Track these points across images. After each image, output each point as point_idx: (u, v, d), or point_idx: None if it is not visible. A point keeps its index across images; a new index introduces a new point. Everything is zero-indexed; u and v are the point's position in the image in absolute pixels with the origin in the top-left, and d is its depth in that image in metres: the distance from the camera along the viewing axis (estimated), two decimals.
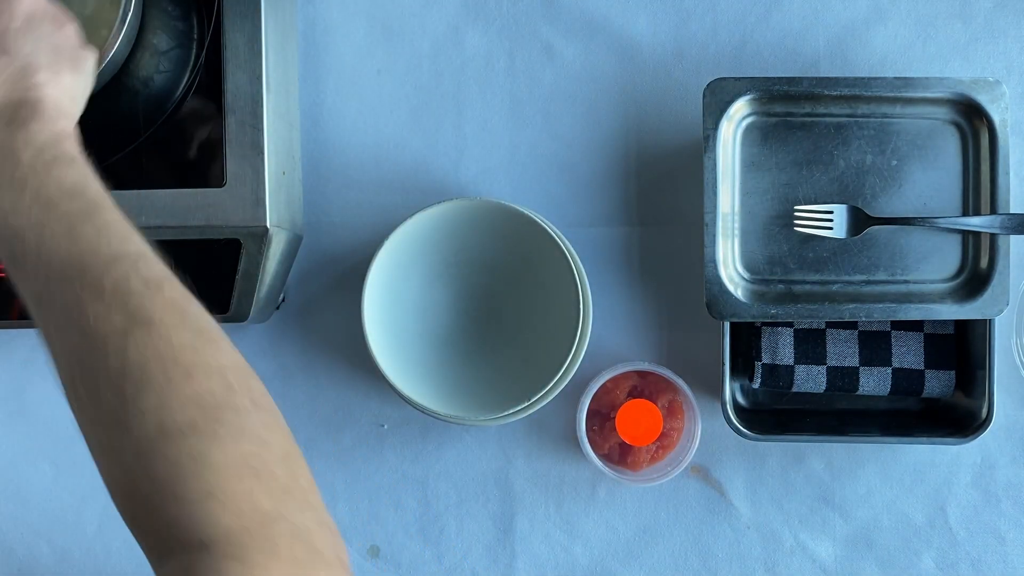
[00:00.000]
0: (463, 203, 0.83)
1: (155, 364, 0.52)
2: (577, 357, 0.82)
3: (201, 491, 0.49)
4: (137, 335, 0.52)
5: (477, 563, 0.90)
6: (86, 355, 0.53)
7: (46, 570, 0.91)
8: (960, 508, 0.88)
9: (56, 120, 0.60)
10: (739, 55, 0.89)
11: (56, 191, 0.56)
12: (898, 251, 0.81)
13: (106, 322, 0.52)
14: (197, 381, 0.52)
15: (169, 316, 0.53)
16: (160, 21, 0.80)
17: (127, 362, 0.51)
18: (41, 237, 0.55)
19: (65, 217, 0.55)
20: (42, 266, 0.55)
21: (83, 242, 0.55)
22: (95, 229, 0.56)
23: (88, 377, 0.52)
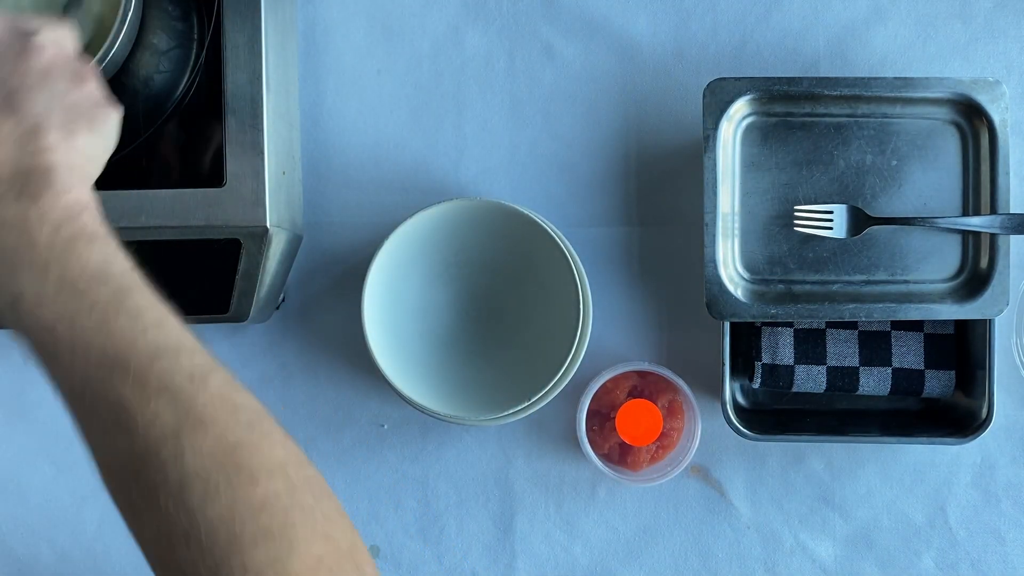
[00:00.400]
0: (463, 203, 0.83)
1: (216, 471, 0.50)
2: (577, 357, 0.82)
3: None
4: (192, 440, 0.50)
5: (477, 563, 0.90)
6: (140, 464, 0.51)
7: (46, 570, 0.91)
8: (960, 508, 0.88)
9: (69, 191, 0.55)
10: (739, 55, 0.89)
11: (80, 276, 0.53)
12: (898, 251, 0.81)
13: (156, 428, 0.50)
14: (262, 485, 0.50)
15: (220, 413, 0.52)
16: (160, 21, 0.80)
17: (185, 471, 0.50)
18: (73, 331, 0.52)
19: (95, 307, 0.53)
20: (78, 363, 0.52)
21: (118, 335, 0.52)
22: (129, 319, 0.53)
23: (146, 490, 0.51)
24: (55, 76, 0.59)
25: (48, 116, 0.57)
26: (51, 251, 0.53)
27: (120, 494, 0.52)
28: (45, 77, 0.58)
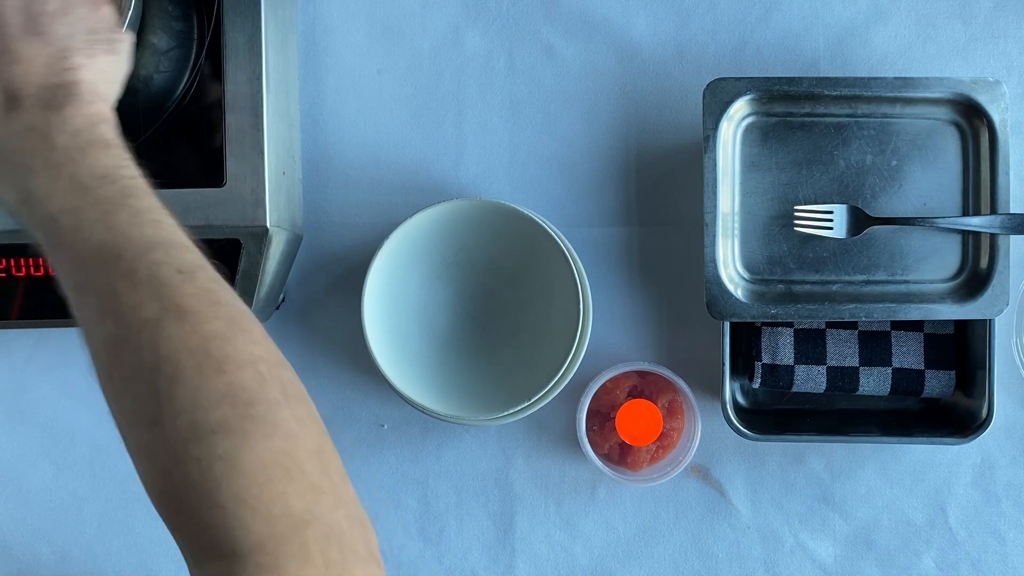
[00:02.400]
0: (463, 203, 0.83)
1: (186, 357, 0.51)
2: (577, 357, 0.82)
3: (232, 496, 0.49)
4: (169, 326, 0.52)
5: (477, 563, 0.90)
6: (120, 346, 0.52)
7: (46, 570, 0.91)
8: (960, 508, 0.88)
9: (92, 103, 0.60)
10: (739, 55, 0.89)
11: (90, 176, 0.56)
12: (898, 251, 0.81)
13: (140, 312, 0.52)
14: (229, 374, 0.51)
15: (202, 305, 0.53)
16: (160, 21, 0.80)
17: (159, 355, 0.51)
18: (76, 223, 0.55)
19: (99, 203, 0.55)
20: (77, 253, 0.55)
21: (117, 229, 0.55)
22: (129, 215, 0.55)
23: (123, 369, 0.52)
24: (74, 2, 0.63)
25: (72, 39, 0.62)
26: (67, 153, 0.57)
27: (103, 377, 0.54)
28: (65, 3, 0.63)
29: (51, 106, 0.58)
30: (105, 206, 0.55)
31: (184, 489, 0.49)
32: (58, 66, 0.60)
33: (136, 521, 0.90)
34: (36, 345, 0.91)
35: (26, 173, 0.57)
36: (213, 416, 0.50)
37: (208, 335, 0.52)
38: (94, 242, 0.54)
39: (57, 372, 0.91)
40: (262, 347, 0.54)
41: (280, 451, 0.50)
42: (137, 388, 0.51)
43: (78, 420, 0.91)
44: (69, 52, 0.61)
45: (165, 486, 0.51)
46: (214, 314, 0.53)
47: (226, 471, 0.49)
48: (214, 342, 0.52)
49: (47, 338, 0.90)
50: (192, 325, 0.52)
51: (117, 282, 0.53)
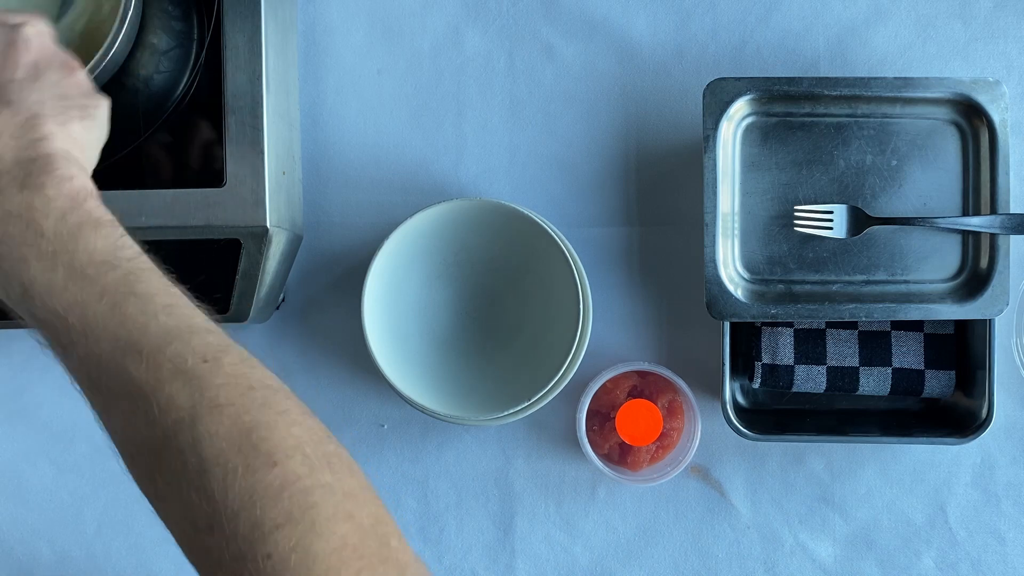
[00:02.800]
0: (463, 203, 0.83)
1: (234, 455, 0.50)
2: (577, 357, 0.82)
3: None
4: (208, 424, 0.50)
5: (477, 563, 0.90)
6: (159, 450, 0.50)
7: (46, 570, 0.91)
8: (960, 508, 0.88)
9: (72, 178, 0.56)
10: (739, 55, 0.89)
11: (89, 263, 0.53)
12: (898, 251, 0.81)
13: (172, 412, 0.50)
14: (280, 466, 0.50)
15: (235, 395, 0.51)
16: (160, 21, 0.80)
17: (204, 458, 0.50)
18: (85, 320, 0.53)
19: (105, 294, 0.53)
20: (91, 350, 0.52)
21: (130, 321, 0.52)
22: (139, 305, 0.53)
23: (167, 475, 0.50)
24: (45, 68, 0.60)
25: (42, 106, 0.57)
26: (58, 240, 0.54)
27: (145, 481, 0.52)
28: (36, 69, 0.59)
29: (28, 185, 0.55)
30: (112, 298, 0.53)
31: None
32: (29, 136, 0.56)
33: (136, 521, 0.90)
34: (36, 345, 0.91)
35: (18, 264, 0.54)
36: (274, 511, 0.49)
37: (249, 427, 0.51)
38: (108, 339, 0.52)
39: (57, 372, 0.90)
40: (302, 427, 0.53)
41: (346, 533, 0.50)
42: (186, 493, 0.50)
43: (78, 420, 0.91)
44: (39, 120, 0.57)
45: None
46: (250, 402, 0.52)
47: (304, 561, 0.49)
48: (257, 433, 0.51)
49: None
50: (231, 419, 0.51)
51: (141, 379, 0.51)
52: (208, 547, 0.50)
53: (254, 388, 0.53)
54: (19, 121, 0.57)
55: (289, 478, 0.50)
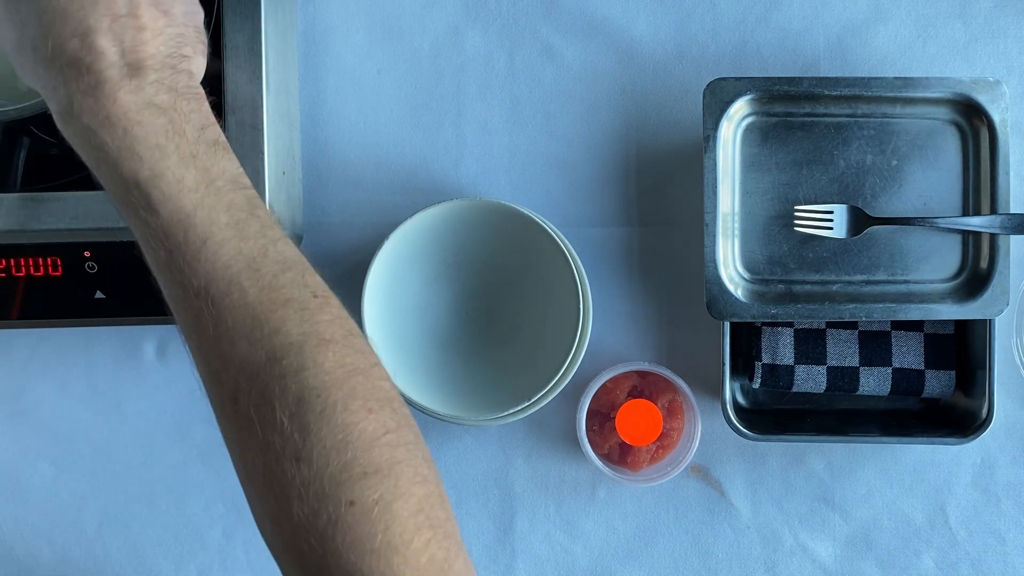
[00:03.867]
0: (463, 203, 0.83)
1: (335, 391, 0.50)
2: (577, 357, 0.82)
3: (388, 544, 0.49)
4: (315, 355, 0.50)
5: (477, 563, 0.89)
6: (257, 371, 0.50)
7: (46, 570, 0.91)
8: (960, 508, 0.88)
9: (204, 99, 0.58)
10: (739, 55, 0.89)
11: (220, 176, 0.54)
12: (898, 251, 0.81)
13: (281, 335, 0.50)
14: (375, 414, 0.50)
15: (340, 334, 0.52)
16: None
17: (305, 386, 0.50)
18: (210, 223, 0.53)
19: (231, 208, 0.53)
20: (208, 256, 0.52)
21: (251, 239, 0.53)
22: (260, 228, 0.54)
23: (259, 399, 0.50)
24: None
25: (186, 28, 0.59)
26: (197, 145, 0.55)
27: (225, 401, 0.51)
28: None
29: (176, 90, 0.56)
30: (237, 213, 0.53)
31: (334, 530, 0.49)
32: (179, 50, 0.58)
33: (136, 521, 0.90)
34: (36, 345, 0.91)
35: (155, 151, 0.54)
36: (366, 458, 0.49)
37: (351, 369, 0.51)
38: (228, 250, 0.52)
39: (57, 372, 0.91)
40: (390, 383, 0.53)
41: (422, 497, 0.50)
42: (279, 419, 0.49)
43: (78, 420, 0.91)
44: (184, 40, 0.58)
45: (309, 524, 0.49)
46: (351, 345, 0.52)
47: (383, 516, 0.49)
48: (357, 377, 0.51)
49: (47, 338, 0.90)
50: (336, 356, 0.51)
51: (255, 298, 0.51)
52: (290, 478, 0.49)
53: (354, 335, 0.53)
54: (172, 32, 0.58)
55: (380, 429, 0.50)
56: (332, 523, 0.48)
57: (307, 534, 0.49)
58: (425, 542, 0.49)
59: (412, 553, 0.49)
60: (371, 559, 0.48)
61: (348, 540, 0.48)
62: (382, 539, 0.48)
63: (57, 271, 0.80)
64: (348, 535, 0.48)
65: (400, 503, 0.49)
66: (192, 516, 0.90)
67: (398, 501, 0.49)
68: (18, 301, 0.81)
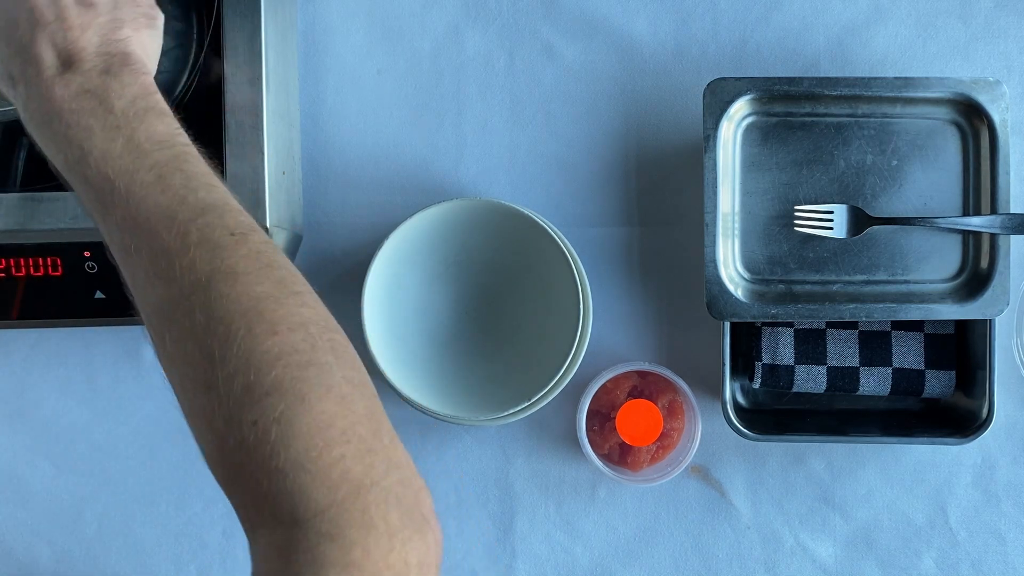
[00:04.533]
0: (463, 203, 0.83)
1: (239, 318, 0.51)
2: (577, 357, 0.82)
3: (292, 462, 0.48)
4: (221, 287, 0.52)
5: (477, 563, 0.89)
6: (173, 309, 0.53)
7: (46, 570, 0.91)
8: (960, 508, 0.88)
9: (145, 72, 0.62)
10: (739, 55, 0.89)
11: (146, 140, 0.58)
12: (898, 251, 0.81)
13: (191, 273, 0.53)
14: (281, 336, 0.51)
15: (253, 267, 0.53)
16: None
17: (211, 316, 0.52)
18: (131, 184, 0.56)
19: (155, 166, 0.56)
20: (130, 214, 0.55)
21: (171, 192, 0.56)
22: (183, 179, 0.56)
23: (175, 332, 0.53)
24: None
25: (119, 11, 0.64)
26: (124, 117, 0.58)
27: (157, 342, 0.54)
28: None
29: (108, 72, 0.60)
30: (160, 169, 0.56)
31: (241, 454, 0.49)
32: (111, 36, 0.62)
33: (136, 521, 0.90)
34: (36, 345, 0.91)
35: (83, 133, 0.58)
36: (267, 378, 0.50)
37: (260, 296, 0.52)
38: (148, 204, 0.55)
39: (57, 372, 0.91)
40: (312, 310, 0.54)
41: (335, 414, 0.50)
42: (190, 351, 0.52)
43: (78, 420, 0.91)
44: (119, 23, 0.63)
45: (222, 452, 0.50)
46: (265, 276, 0.53)
47: (283, 435, 0.49)
48: (265, 303, 0.52)
49: (47, 338, 0.90)
50: (244, 286, 0.52)
51: (170, 244, 0.54)
52: (203, 407, 0.51)
53: (273, 266, 0.54)
54: (102, 21, 0.63)
55: (287, 349, 0.51)
56: (239, 446, 0.49)
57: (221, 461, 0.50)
58: (338, 457, 0.49)
59: (321, 469, 0.48)
60: (278, 479, 0.48)
61: (255, 461, 0.49)
62: (285, 457, 0.48)
63: (57, 271, 0.80)
64: (254, 456, 0.49)
65: (305, 419, 0.49)
66: (192, 516, 0.90)
67: (302, 417, 0.49)
68: (18, 301, 0.81)
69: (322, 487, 0.48)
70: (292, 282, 0.55)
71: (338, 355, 0.53)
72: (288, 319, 0.52)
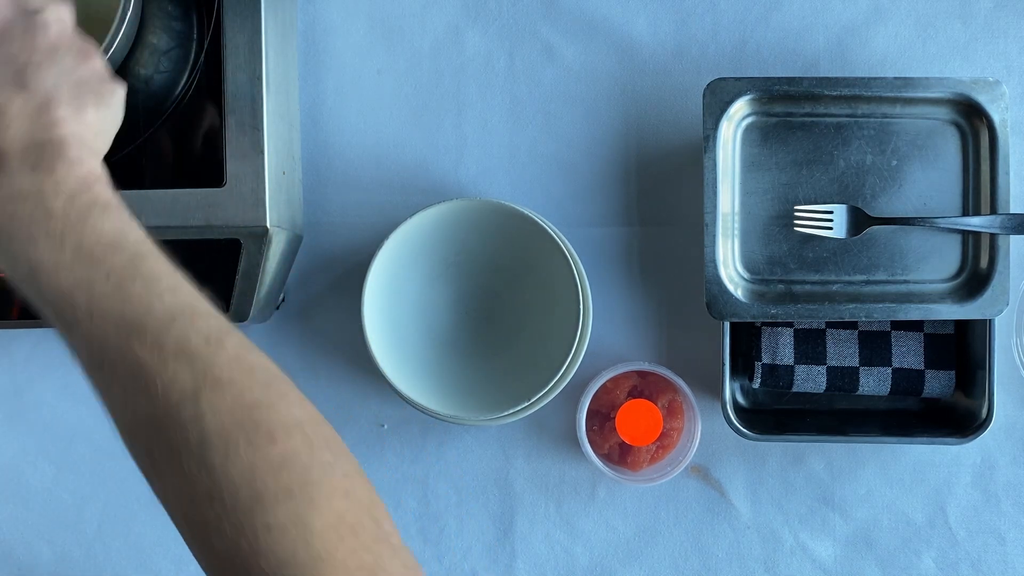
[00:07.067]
0: (463, 203, 0.83)
1: (236, 430, 0.51)
2: (577, 357, 0.82)
3: (312, 556, 0.50)
4: (211, 399, 0.52)
5: (477, 563, 0.90)
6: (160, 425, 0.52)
7: (46, 570, 0.91)
8: (960, 508, 0.88)
9: (83, 161, 0.57)
10: (739, 55, 0.89)
11: (96, 244, 0.54)
12: (898, 251, 0.81)
13: (175, 387, 0.52)
14: (281, 443, 0.52)
15: (237, 374, 0.53)
16: (160, 21, 0.80)
17: (205, 431, 0.51)
18: (91, 297, 0.53)
19: (112, 274, 0.54)
20: (96, 328, 0.53)
21: (135, 300, 0.53)
22: (145, 284, 0.54)
23: (167, 451, 0.52)
24: (62, 52, 0.60)
25: (58, 91, 0.58)
26: (67, 220, 0.54)
27: (142, 456, 0.53)
28: (52, 54, 0.59)
29: (40, 167, 0.55)
30: (118, 277, 0.54)
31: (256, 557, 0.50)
32: (43, 120, 0.57)
33: (136, 521, 0.90)
34: (36, 345, 0.91)
35: (26, 244, 0.54)
36: (275, 485, 0.51)
37: (251, 405, 0.52)
38: (113, 316, 0.53)
39: (57, 372, 0.91)
40: (301, 409, 0.55)
41: (343, 510, 0.52)
42: (186, 466, 0.51)
43: (78, 420, 0.91)
44: (54, 104, 0.57)
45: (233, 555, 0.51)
46: (251, 382, 0.53)
47: (301, 534, 0.50)
48: (258, 412, 0.52)
49: (47, 338, 0.90)
50: (233, 396, 0.52)
51: (145, 357, 0.52)
52: (207, 518, 0.51)
53: (255, 370, 0.54)
54: (34, 105, 0.57)
55: (289, 454, 0.52)
56: (253, 551, 0.50)
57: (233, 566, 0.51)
58: (350, 550, 0.51)
59: (339, 560, 0.50)
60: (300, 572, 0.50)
61: (272, 562, 0.50)
62: (304, 553, 0.50)
63: None
64: (271, 557, 0.50)
65: (317, 518, 0.51)
66: None
67: (314, 516, 0.51)
68: (18, 301, 0.81)
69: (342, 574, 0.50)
70: (277, 383, 0.55)
71: (334, 451, 0.54)
72: (284, 424, 0.53)
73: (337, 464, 0.53)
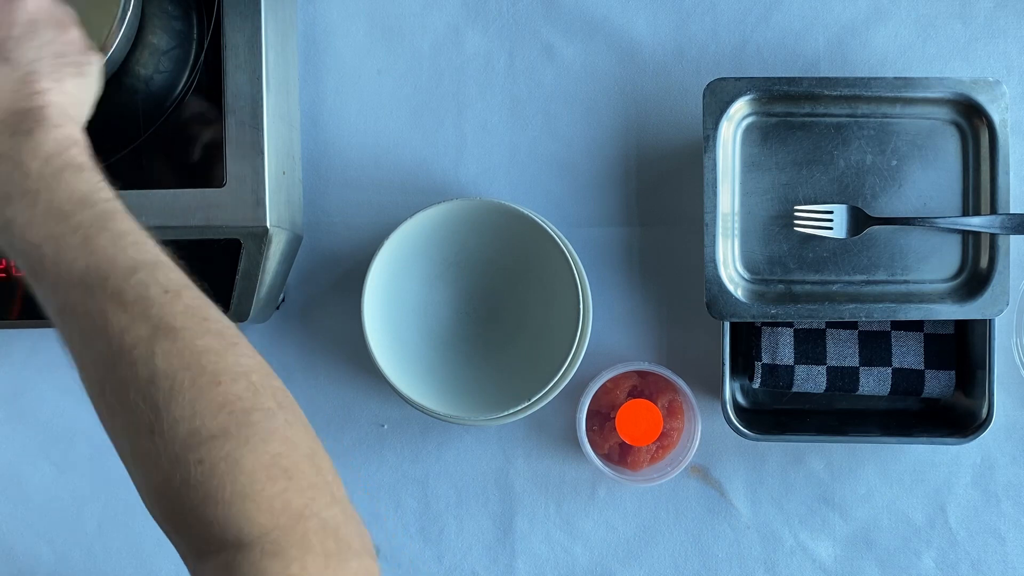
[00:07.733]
0: (463, 203, 0.83)
1: (183, 372, 0.53)
2: (577, 357, 0.82)
3: (237, 493, 0.52)
4: (163, 343, 0.54)
5: (477, 563, 0.90)
6: (114, 365, 0.54)
7: (46, 570, 0.91)
8: (960, 508, 0.88)
9: (61, 126, 0.59)
10: (739, 55, 0.89)
11: (67, 201, 0.57)
12: (898, 251, 0.81)
13: (131, 332, 0.54)
14: (224, 386, 0.54)
15: (191, 322, 0.55)
16: (160, 20, 0.80)
17: (155, 371, 0.53)
18: (58, 250, 0.56)
19: (80, 228, 0.56)
20: (62, 279, 0.56)
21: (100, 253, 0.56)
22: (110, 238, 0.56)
23: (118, 386, 0.54)
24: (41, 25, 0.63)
25: (38, 63, 0.61)
26: (41, 179, 0.57)
27: (96, 394, 0.56)
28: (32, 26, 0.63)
29: (20, 131, 0.58)
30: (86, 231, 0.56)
31: (187, 489, 0.52)
32: (24, 91, 0.60)
33: (136, 521, 0.90)
34: (36, 345, 0.91)
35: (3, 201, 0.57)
36: (213, 424, 0.53)
37: (201, 350, 0.54)
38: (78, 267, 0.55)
39: (57, 372, 0.91)
40: (252, 359, 0.57)
41: (278, 454, 0.53)
42: (133, 400, 0.53)
43: (78, 420, 0.91)
44: (36, 76, 0.61)
45: (164, 489, 0.53)
46: (203, 330, 0.55)
47: (230, 471, 0.52)
48: (207, 356, 0.54)
49: (47, 338, 0.90)
50: (184, 341, 0.54)
51: (106, 305, 0.55)
52: (148, 450, 0.53)
53: (208, 320, 0.56)
54: (16, 77, 0.60)
55: (231, 398, 0.54)
56: (184, 483, 0.52)
57: (165, 498, 0.53)
58: (280, 490, 0.52)
59: (265, 499, 0.52)
60: (223, 509, 0.52)
61: (200, 495, 0.52)
62: (231, 490, 0.52)
63: None
64: (199, 491, 0.52)
65: (249, 457, 0.52)
66: None
67: (246, 456, 0.52)
68: (18, 301, 0.81)
69: (266, 513, 0.52)
70: (229, 335, 0.57)
71: (279, 402, 0.56)
72: (230, 370, 0.55)
73: (280, 413, 0.55)
